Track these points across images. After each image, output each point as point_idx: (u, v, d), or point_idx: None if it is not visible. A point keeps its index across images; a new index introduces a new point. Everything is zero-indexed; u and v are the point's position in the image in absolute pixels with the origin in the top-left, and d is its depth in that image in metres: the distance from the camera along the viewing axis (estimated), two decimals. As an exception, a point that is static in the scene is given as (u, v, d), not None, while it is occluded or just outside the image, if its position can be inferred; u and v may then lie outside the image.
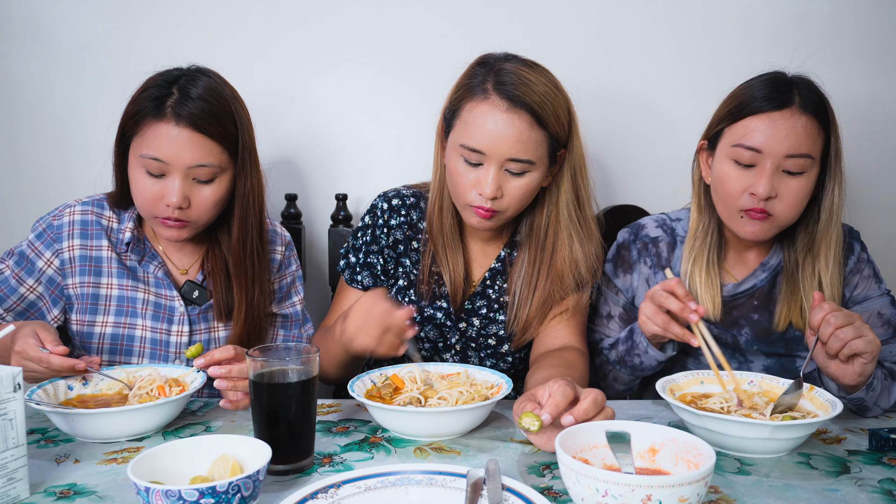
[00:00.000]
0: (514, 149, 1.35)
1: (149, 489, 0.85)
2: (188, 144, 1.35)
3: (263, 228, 1.51)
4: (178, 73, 1.41)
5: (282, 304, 1.59)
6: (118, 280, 1.47)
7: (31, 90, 1.96)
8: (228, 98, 1.41)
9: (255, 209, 1.47)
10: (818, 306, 1.22)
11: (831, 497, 0.99)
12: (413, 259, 1.54)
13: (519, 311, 1.50)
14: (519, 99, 1.34)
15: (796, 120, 1.35)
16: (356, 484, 0.95)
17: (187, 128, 1.34)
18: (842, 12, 1.95)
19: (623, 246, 1.59)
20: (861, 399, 1.27)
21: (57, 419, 1.16)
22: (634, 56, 1.97)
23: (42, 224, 1.47)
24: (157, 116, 1.34)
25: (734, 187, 1.39)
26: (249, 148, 1.44)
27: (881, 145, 2.01)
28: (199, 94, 1.36)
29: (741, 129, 1.39)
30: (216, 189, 1.40)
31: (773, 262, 1.50)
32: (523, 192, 1.41)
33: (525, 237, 1.53)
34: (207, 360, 1.23)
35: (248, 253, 1.46)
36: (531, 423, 1.03)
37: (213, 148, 1.37)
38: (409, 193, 1.57)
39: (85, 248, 1.46)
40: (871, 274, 1.51)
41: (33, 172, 1.98)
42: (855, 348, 1.19)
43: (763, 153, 1.36)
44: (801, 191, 1.38)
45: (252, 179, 1.45)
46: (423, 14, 1.95)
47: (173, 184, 1.36)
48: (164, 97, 1.35)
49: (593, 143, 1.96)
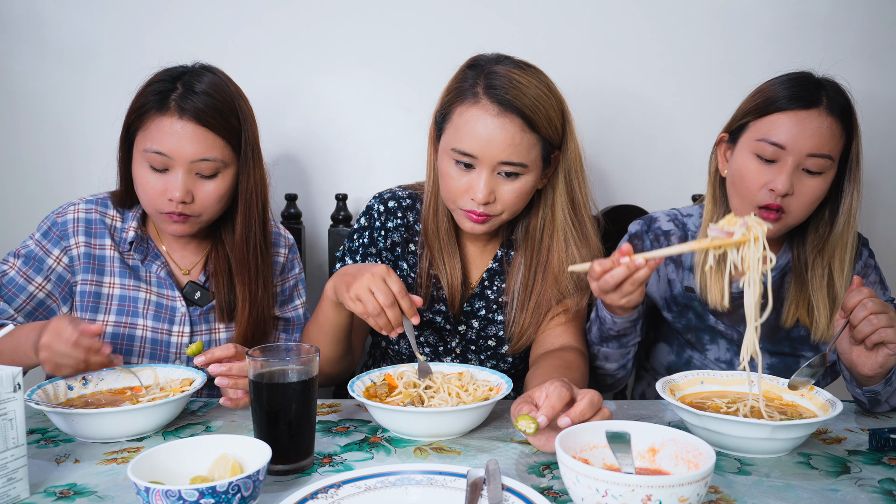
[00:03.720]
0: (505, 153, 1.34)
1: (149, 489, 0.85)
2: (191, 138, 1.35)
3: (267, 228, 1.51)
4: (182, 69, 1.42)
5: (284, 308, 1.59)
6: (120, 279, 1.47)
7: (32, 90, 1.96)
8: (232, 94, 1.42)
9: (259, 206, 1.47)
10: (856, 290, 1.21)
11: (831, 497, 0.99)
12: (410, 262, 1.53)
13: (515, 316, 1.50)
14: (510, 103, 1.33)
15: (822, 120, 1.36)
16: (356, 484, 0.95)
17: (191, 121, 1.35)
18: (841, 12, 1.95)
19: (636, 236, 1.58)
20: (876, 392, 1.27)
21: (57, 419, 1.16)
22: (633, 55, 1.97)
23: (47, 222, 1.48)
24: (161, 110, 1.36)
25: (754, 181, 1.39)
26: (253, 144, 1.45)
27: (881, 145, 2.01)
28: (203, 88, 1.37)
29: (766, 124, 1.39)
30: (219, 184, 1.41)
31: (782, 261, 1.51)
32: (517, 196, 1.39)
33: (521, 240, 1.51)
34: (208, 357, 1.23)
35: (252, 250, 1.47)
36: (527, 425, 1.03)
37: (216, 142, 1.38)
38: (404, 195, 1.55)
39: (89, 246, 1.46)
40: (877, 280, 1.52)
41: (35, 172, 1.98)
42: (884, 336, 1.18)
43: (786, 149, 1.36)
44: (817, 191, 1.39)
45: (255, 176, 1.45)
46: (423, 14, 1.95)
47: (176, 178, 1.36)
48: (169, 91, 1.36)
49: (591, 143, 1.96)
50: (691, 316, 1.54)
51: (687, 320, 1.54)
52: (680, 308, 1.54)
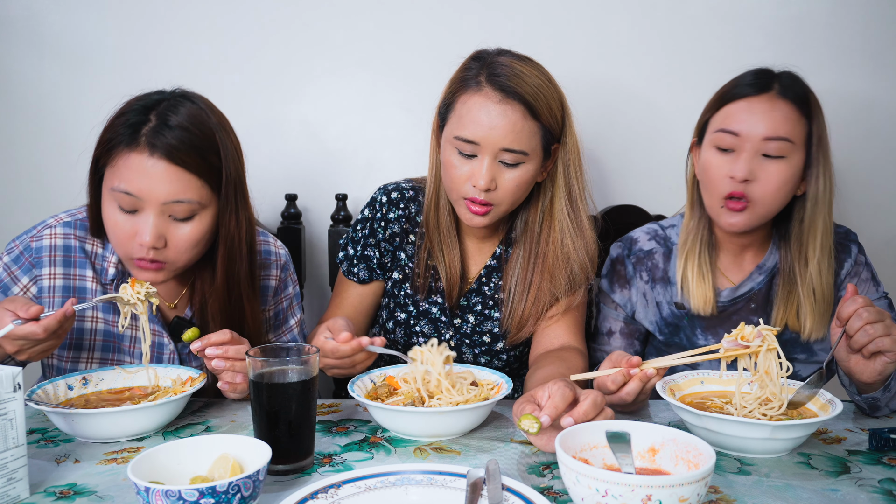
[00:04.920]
0: (507, 139, 1.36)
1: (149, 489, 0.85)
2: (163, 178, 1.22)
3: (253, 268, 1.38)
4: (158, 96, 1.28)
5: (279, 332, 1.54)
6: (103, 314, 1.37)
7: (31, 91, 1.96)
8: (213, 126, 1.28)
9: (243, 251, 1.33)
10: (851, 299, 1.21)
11: (831, 497, 0.99)
12: (409, 252, 1.55)
13: (514, 306, 1.51)
14: (512, 90, 1.36)
15: (774, 104, 1.39)
16: (356, 484, 0.95)
17: (162, 159, 1.21)
18: (840, 12, 1.95)
19: (618, 261, 1.59)
20: (875, 399, 1.27)
21: (57, 419, 1.16)
22: (633, 55, 1.97)
23: (19, 246, 1.36)
24: (131, 146, 1.22)
25: (716, 173, 1.42)
26: (236, 182, 1.30)
27: (880, 145, 2.01)
28: (178, 122, 1.23)
29: (722, 115, 1.43)
30: (195, 227, 1.27)
31: (770, 263, 1.50)
32: (517, 185, 1.41)
33: (520, 234, 1.53)
34: (204, 343, 1.20)
35: (235, 300, 1.34)
36: (530, 425, 1.03)
37: (191, 182, 1.24)
38: (408, 187, 1.58)
39: (68, 278, 1.35)
40: (868, 277, 1.51)
41: (32, 174, 1.98)
42: (881, 346, 1.18)
43: (741, 136, 1.39)
44: (781, 175, 1.39)
45: (239, 216, 1.31)
46: (423, 14, 1.95)
47: (147, 221, 1.23)
48: (140, 124, 1.23)
49: (592, 142, 1.96)
50: (682, 336, 1.54)
51: (679, 339, 1.55)
52: (671, 329, 1.55)
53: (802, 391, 1.18)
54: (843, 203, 1.99)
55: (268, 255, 1.50)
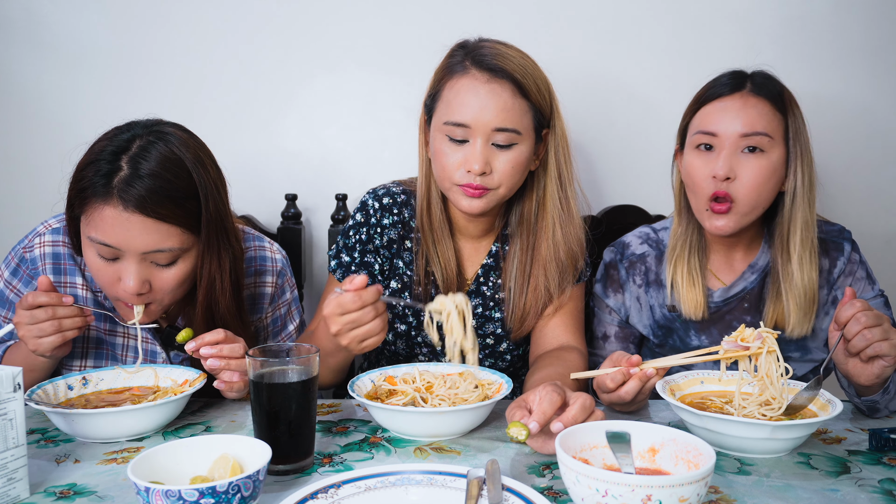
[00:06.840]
0: (498, 118, 1.36)
1: (149, 489, 0.85)
2: (140, 231, 1.18)
3: (241, 304, 1.35)
4: (129, 136, 1.22)
5: (278, 338, 1.53)
6: (95, 322, 1.37)
7: (30, 90, 1.96)
8: (189, 167, 1.22)
9: (227, 289, 1.30)
10: (849, 303, 1.20)
11: (831, 497, 0.99)
12: (406, 259, 1.53)
13: (515, 300, 1.50)
14: (499, 68, 1.36)
15: (747, 100, 1.41)
16: (356, 484, 0.95)
17: (136, 213, 1.17)
18: (842, 13, 1.95)
19: (611, 265, 1.59)
20: (874, 401, 1.27)
21: (57, 419, 1.16)
22: (633, 55, 1.97)
23: (14, 258, 1.37)
24: (104, 198, 1.18)
25: (699, 174, 1.42)
26: (217, 220, 1.26)
27: (880, 145, 2.01)
28: (151, 169, 1.18)
29: (699, 117, 1.45)
30: (179, 269, 1.26)
31: (762, 262, 1.50)
32: (513, 167, 1.39)
33: (515, 227, 1.52)
34: (198, 342, 1.20)
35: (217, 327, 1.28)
36: (518, 432, 1.03)
37: (170, 231, 1.21)
38: (398, 191, 1.54)
39: (59, 286, 1.34)
40: (863, 276, 1.51)
41: (32, 173, 1.98)
42: (878, 350, 1.17)
43: (719, 135, 1.40)
44: (762, 170, 1.39)
45: (221, 255, 1.28)
46: (423, 14, 1.95)
47: (129, 269, 1.21)
48: (112, 173, 1.18)
49: (591, 142, 1.96)
50: (675, 338, 1.54)
51: (672, 341, 1.55)
52: (664, 331, 1.55)
53: (801, 395, 1.19)
54: (842, 203, 2.00)
55: (263, 262, 1.48)
